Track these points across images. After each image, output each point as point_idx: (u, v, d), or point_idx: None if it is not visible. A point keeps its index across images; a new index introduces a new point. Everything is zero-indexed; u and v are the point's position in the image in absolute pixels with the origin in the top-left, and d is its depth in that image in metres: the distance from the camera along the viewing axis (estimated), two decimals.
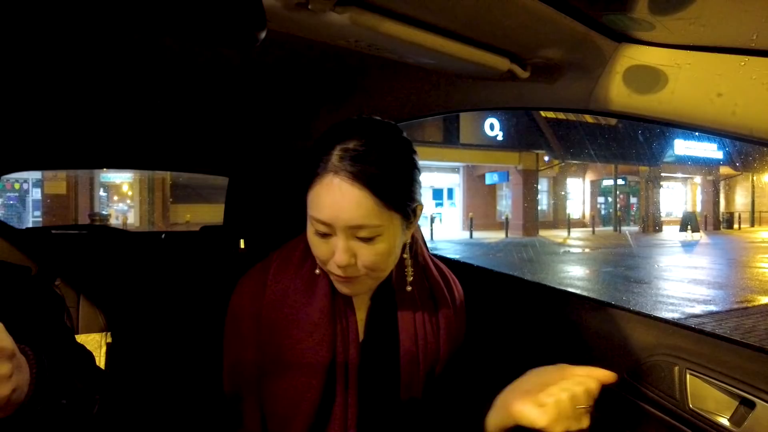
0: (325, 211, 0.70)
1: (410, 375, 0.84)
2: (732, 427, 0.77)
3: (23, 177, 16.47)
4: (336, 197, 0.69)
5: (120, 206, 18.61)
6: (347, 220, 0.69)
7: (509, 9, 0.67)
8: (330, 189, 0.69)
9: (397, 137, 0.76)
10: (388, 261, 0.76)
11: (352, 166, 0.68)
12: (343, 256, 0.71)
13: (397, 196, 0.71)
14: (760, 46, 0.62)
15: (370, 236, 0.71)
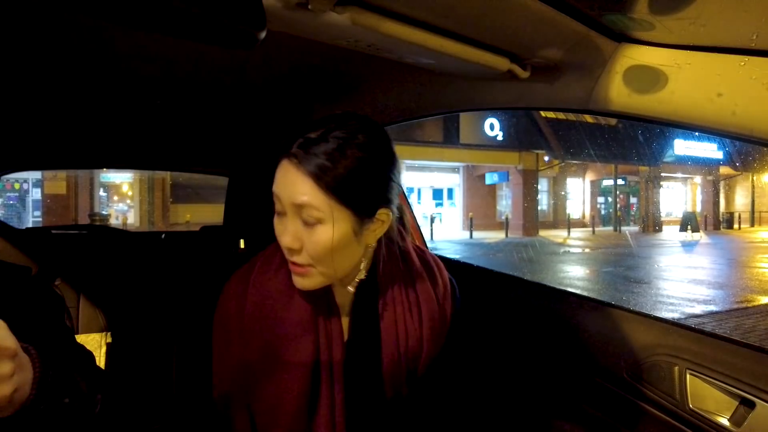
0: (276, 186, 0.75)
1: (393, 374, 0.85)
2: (732, 427, 0.78)
3: (23, 177, 16.45)
4: (284, 175, 0.74)
5: (120, 206, 18.60)
6: (291, 196, 0.73)
7: (509, 9, 0.67)
8: (281, 168, 0.74)
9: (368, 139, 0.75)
10: (336, 258, 0.76)
11: (303, 152, 0.72)
12: (287, 238, 0.75)
13: (342, 190, 0.72)
14: (760, 46, 0.62)
15: (312, 220, 0.73)
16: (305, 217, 0.73)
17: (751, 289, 8.12)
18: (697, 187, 27.69)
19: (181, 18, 0.50)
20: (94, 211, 15.92)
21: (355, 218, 0.75)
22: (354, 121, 0.77)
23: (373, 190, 0.76)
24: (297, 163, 0.72)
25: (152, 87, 1.23)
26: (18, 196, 17.11)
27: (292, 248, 0.75)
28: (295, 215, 0.74)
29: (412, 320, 0.87)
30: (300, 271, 0.77)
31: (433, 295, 0.89)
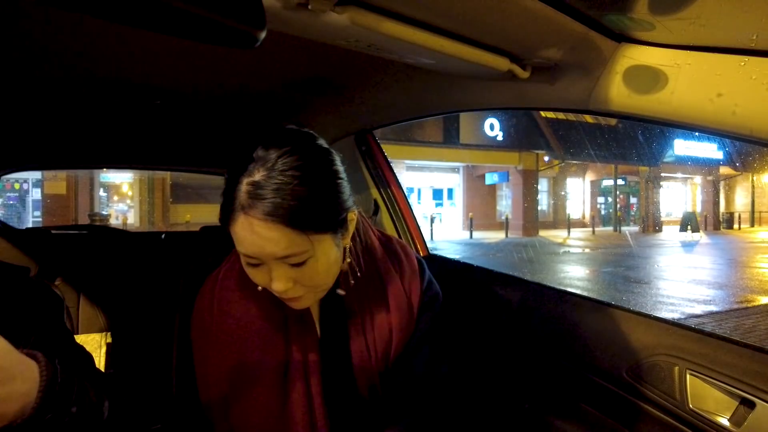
0: (248, 248, 0.69)
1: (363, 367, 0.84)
2: (732, 427, 0.78)
3: (23, 177, 16.46)
4: (254, 236, 0.67)
5: (120, 206, 18.60)
6: (272, 254, 0.68)
7: (509, 9, 0.67)
8: (246, 228, 0.67)
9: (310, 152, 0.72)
10: (329, 275, 0.75)
11: (261, 203, 0.65)
12: (280, 284, 0.70)
13: (317, 221, 0.69)
14: (760, 46, 0.62)
15: (301, 261, 0.69)
16: (293, 261, 0.69)
17: (751, 289, 8.12)
18: (697, 187, 27.69)
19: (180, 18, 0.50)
20: (94, 211, 15.92)
21: (334, 235, 0.73)
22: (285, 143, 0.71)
23: (336, 202, 0.73)
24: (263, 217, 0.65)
25: (152, 87, 1.23)
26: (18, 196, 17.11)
27: (288, 288, 0.71)
28: (280, 263, 0.70)
29: (378, 310, 0.86)
30: (297, 299, 0.75)
31: (399, 283, 0.88)
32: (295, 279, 0.71)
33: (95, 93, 1.25)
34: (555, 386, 1.08)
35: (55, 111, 1.41)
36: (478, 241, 16.61)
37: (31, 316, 0.81)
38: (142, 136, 1.74)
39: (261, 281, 0.73)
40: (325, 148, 0.76)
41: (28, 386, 0.54)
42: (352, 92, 1.31)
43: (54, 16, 0.82)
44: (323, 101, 1.41)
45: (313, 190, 0.68)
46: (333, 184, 0.72)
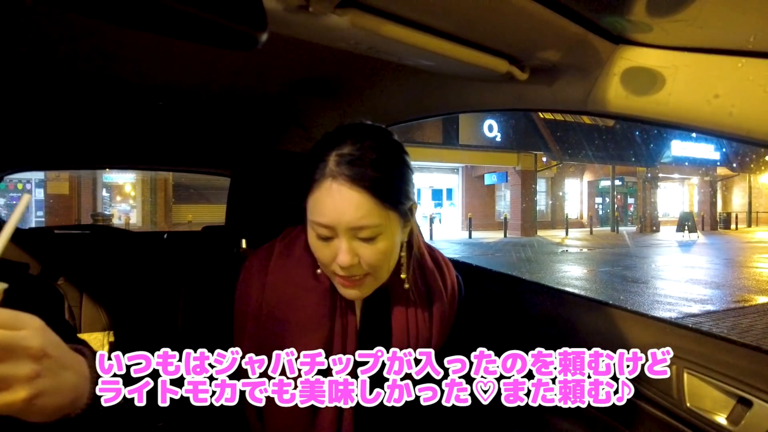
0: (327, 215, 0.72)
1: None
2: (729, 425, 0.78)
3: (26, 177, 16.42)
4: (336, 201, 0.71)
5: (122, 206, 18.56)
6: (349, 221, 0.71)
7: (508, 11, 0.67)
8: (330, 193, 0.71)
9: (389, 140, 0.77)
10: (390, 260, 0.78)
11: (350, 169, 0.71)
12: (347, 257, 0.73)
13: (394, 196, 0.74)
14: (757, 47, 0.63)
15: (372, 236, 0.73)
16: (365, 234, 0.72)
17: (748, 288, 8.14)
18: (694, 187, 27.73)
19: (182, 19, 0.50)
20: (96, 212, 15.89)
21: (401, 219, 0.77)
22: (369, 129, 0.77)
23: (409, 188, 0.78)
24: (350, 182, 0.70)
25: (155, 87, 1.23)
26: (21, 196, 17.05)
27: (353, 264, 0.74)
28: (351, 236, 0.73)
29: (423, 318, 0.87)
30: (356, 284, 0.77)
31: (443, 293, 0.91)
32: (360, 255, 0.74)
33: (98, 94, 1.25)
34: None
35: (59, 111, 1.41)
36: (477, 241, 16.61)
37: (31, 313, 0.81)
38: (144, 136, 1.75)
39: (326, 256, 0.75)
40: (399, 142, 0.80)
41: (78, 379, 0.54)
42: (352, 93, 1.31)
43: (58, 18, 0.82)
44: (324, 102, 1.42)
45: (393, 167, 0.74)
46: (406, 171, 0.77)
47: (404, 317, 0.86)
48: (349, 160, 0.71)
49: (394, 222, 0.75)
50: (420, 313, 0.88)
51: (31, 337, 0.50)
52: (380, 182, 0.71)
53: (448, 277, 0.94)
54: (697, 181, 27.02)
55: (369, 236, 0.73)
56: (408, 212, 0.78)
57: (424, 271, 0.91)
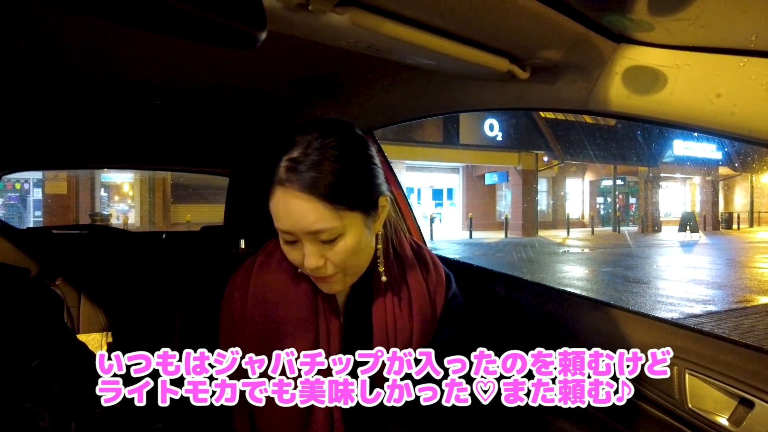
0: (283, 222, 0.73)
1: None
2: (731, 426, 0.78)
3: (24, 177, 16.46)
4: (289, 208, 0.71)
5: (121, 206, 18.60)
6: (304, 227, 0.72)
7: (509, 10, 0.67)
8: (282, 201, 0.72)
9: (346, 137, 0.76)
10: (359, 258, 0.79)
11: (298, 176, 0.70)
12: (311, 260, 0.74)
13: (350, 197, 0.73)
14: (759, 47, 0.62)
15: (331, 238, 0.73)
16: (324, 237, 0.73)
17: (750, 289, 8.13)
18: (696, 187, 27.70)
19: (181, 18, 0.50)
20: (95, 211, 15.94)
21: (365, 216, 0.76)
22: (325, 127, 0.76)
23: (370, 184, 0.77)
24: (299, 190, 0.70)
25: (153, 87, 1.23)
26: (19, 196, 17.10)
27: (320, 266, 0.75)
28: (312, 240, 0.73)
29: (401, 314, 0.87)
30: (331, 280, 0.78)
31: (425, 289, 0.90)
32: (327, 257, 0.74)
33: (96, 93, 1.25)
34: None
35: (57, 111, 1.41)
36: (477, 241, 16.61)
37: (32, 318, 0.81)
38: (143, 136, 1.75)
39: (296, 259, 0.77)
40: (361, 134, 0.79)
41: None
42: (352, 92, 1.31)
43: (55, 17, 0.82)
44: (323, 101, 1.41)
45: (345, 167, 0.72)
46: (366, 166, 0.77)
47: (383, 314, 0.87)
48: (296, 166, 0.70)
49: (354, 221, 0.74)
50: (399, 309, 0.88)
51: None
52: (330, 186, 0.70)
53: (433, 273, 0.94)
54: (699, 181, 26.99)
55: (329, 238, 0.73)
56: (372, 206, 0.78)
57: (403, 264, 0.91)
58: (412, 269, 0.92)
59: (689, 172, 25.50)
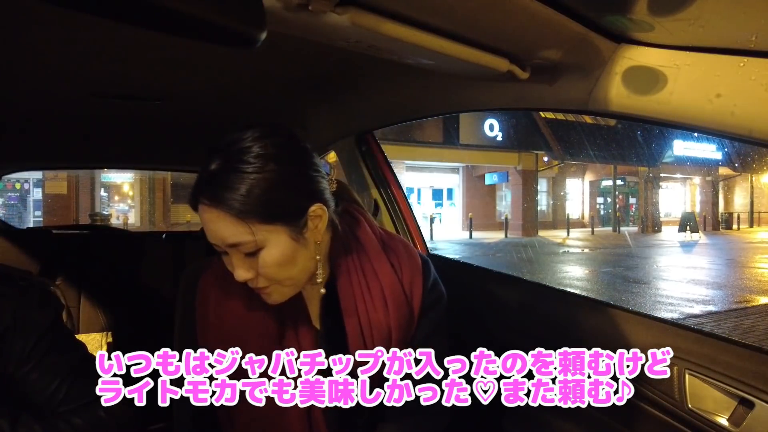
0: (207, 234, 0.73)
1: None
2: (731, 427, 0.78)
3: (24, 177, 16.46)
4: (206, 221, 0.71)
5: (121, 206, 18.60)
6: (222, 240, 0.71)
7: (509, 10, 0.67)
8: (201, 214, 0.72)
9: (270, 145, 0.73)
10: (290, 270, 0.75)
11: (210, 190, 0.70)
12: (239, 272, 0.73)
13: (262, 211, 0.70)
14: (760, 47, 0.62)
15: (253, 250, 0.71)
16: (245, 250, 0.71)
17: (750, 289, 8.13)
18: (696, 187, 27.70)
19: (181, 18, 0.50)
20: (95, 211, 15.94)
21: (289, 227, 0.73)
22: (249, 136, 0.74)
23: (292, 194, 0.73)
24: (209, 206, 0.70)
25: (153, 87, 1.23)
26: (19, 195, 17.11)
27: (248, 278, 0.74)
28: (234, 252, 0.73)
29: (375, 311, 0.84)
30: (266, 292, 0.77)
31: (397, 282, 0.86)
32: (254, 269, 0.73)
33: (96, 93, 1.25)
34: None
35: (56, 111, 1.41)
36: (477, 241, 16.61)
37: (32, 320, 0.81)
38: (142, 136, 1.75)
39: (230, 269, 0.75)
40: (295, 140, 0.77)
41: None
42: (352, 92, 1.31)
43: (54, 16, 0.82)
44: (323, 101, 1.41)
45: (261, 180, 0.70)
46: (289, 176, 0.73)
47: (355, 314, 0.84)
48: (210, 180, 0.70)
49: (275, 233, 0.71)
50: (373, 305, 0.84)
51: None
52: (238, 200, 0.68)
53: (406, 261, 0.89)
54: (699, 181, 26.99)
55: (249, 251, 0.71)
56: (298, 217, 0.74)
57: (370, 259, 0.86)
58: (379, 262, 0.87)
59: (689, 172, 25.50)
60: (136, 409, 0.75)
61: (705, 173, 25.84)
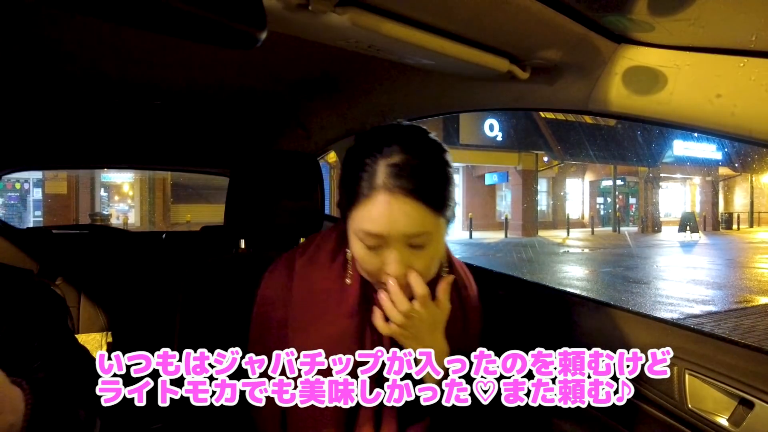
0: (380, 226, 0.71)
1: None
2: (731, 427, 0.78)
3: (24, 177, 16.46)
4: (392, 212, 0.70)
5: (121, 206, 18.60)
6: (403, 230, 0.71)
7: (509, 10, 0.67)
8: (384, 205, 0.70)
9: (432, 142, 0.76)
10: (435, 265, 0.78)
11: (403, 181, 0.70)
12: (398, 267, 0.72)
13: (443, 201, 0.74)
14: (759, 47, 0.62)
15: (423, 243, 0.73)
16: (418, 242, 0.72)
17: (750, 289, 8.13)
18: (696, 187, 27.69)
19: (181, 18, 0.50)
20: (95, 211, 15.93)
21: (446, 222, 0.77)
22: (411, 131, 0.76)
23: (452, 189, 0.77)
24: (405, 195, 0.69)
25: (153, 87, 1.23)
26: (19, 195, 17.10)
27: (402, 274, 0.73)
28: (402, 245, 0.72)
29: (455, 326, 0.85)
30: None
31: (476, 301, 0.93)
32: (411, 263, 0.73)
33: (96, 93, 1.25)
34: None
35: (57, 111, 1.41)
36: (477, 241, 16.61)
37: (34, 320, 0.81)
38: (142, 135, 1.75)
39: (374, 266, 0.74)
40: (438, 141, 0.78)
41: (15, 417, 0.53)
42: (352, 92, 1.31)
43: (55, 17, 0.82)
44: (323, 101, 1.41)
45: (440, 172, 0.74)
46: (450, 172, 0.77)
47: None
48: (400, 171, 0.70)
49: (442, 226, 0.76)
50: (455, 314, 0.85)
51: None
52: (431, 190, 0.71)
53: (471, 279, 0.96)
54: (699, 181, 26.98)
55: (421, 243, 0.73)
56: (453, 214, 0.79)
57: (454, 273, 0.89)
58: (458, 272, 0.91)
59: (689, 172, 25.49)
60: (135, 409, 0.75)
61: (705, 173, 25.83)
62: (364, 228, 0.72)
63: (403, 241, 0.72)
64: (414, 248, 0.73)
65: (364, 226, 0.72)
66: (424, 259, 0.74)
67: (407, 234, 0.71)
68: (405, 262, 0.73)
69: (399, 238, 0.71)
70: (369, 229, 0.72)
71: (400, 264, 0.72)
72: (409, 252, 0.73)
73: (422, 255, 0.74)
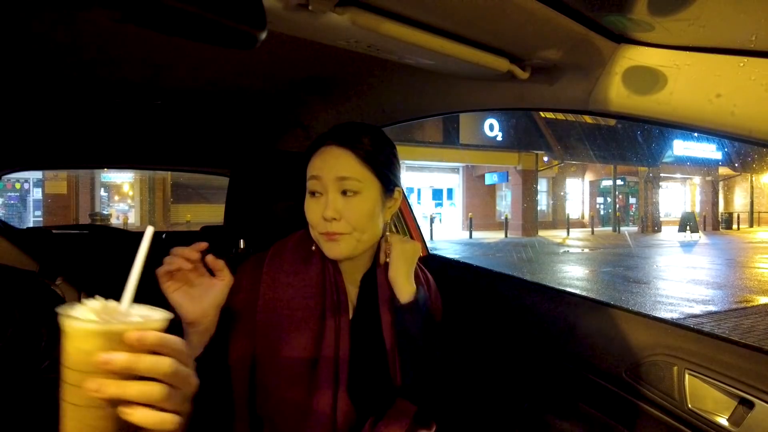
0: (317, 167, 0.86)
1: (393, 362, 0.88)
2: (731, 427, 0.78)
3: (24, 177, 16.45)
4: (326, 157, 0.85)
5: (121, 206, 18.59)
6: (335, 171, 0.84)
7: (509, 10, 0.67)
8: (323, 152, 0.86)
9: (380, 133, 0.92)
10: (369, 223, 0.86)
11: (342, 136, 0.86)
12: (330, 210, 0.83)
13: (376, 162, 0.86)
14: (759, 47, 0.62)
15: (353, 189, 0.84)
16: (346, 187, 0.84)
17: (750, 289, 8.13)
18: (696, 187, 27.69)
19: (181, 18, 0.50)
20: (95, 211, 15.92)
21: (382, 190, 0.88)
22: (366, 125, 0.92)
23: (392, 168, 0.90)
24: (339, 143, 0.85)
25: (153, 87, 1.23)
26: (19, 195, 17.10)
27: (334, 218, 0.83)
28: (335, 190, 0.84)
29: None
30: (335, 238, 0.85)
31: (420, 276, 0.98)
32: (341, 211, 0.84)
33: (96, 93, 1.25)
34: (554, 386, 1.08)
35: (57, 111, 1.41)
36: (477, 241, 16.61)
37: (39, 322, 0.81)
38: (142, 135, 1.75)
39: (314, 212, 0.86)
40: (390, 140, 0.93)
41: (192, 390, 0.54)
42: (352, 92, 1.31)
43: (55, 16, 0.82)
44: (323, 101, 1.41)
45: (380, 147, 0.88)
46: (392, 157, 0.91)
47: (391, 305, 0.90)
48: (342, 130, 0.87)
49: (374, 186, 0.86)
50: None
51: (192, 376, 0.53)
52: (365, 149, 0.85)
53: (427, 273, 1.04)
54: (699, 181, 26.99)
55: (351, 189, 0.84)
56: (390, 186, 0.90)
57: None
58: None
59: (689, 172, 25.49)
60: None
61: (705, 173, 25.84)
62: (309, 172, 0.87)
63: (336, 186, 0.84)
64: (345, 195, 0.84)
65: (309, 171, 0.87)
66: (354, 209, 0.84)
67: (338, 176, 0.83)
68: (337, 207, 0.83)
69: (333, 180, 0.84)
70: (311, 172, 0.86)
71: (333, 208, 0.83)
72: (343, 200, 0.84)
73: (353, 204, 0.84)
